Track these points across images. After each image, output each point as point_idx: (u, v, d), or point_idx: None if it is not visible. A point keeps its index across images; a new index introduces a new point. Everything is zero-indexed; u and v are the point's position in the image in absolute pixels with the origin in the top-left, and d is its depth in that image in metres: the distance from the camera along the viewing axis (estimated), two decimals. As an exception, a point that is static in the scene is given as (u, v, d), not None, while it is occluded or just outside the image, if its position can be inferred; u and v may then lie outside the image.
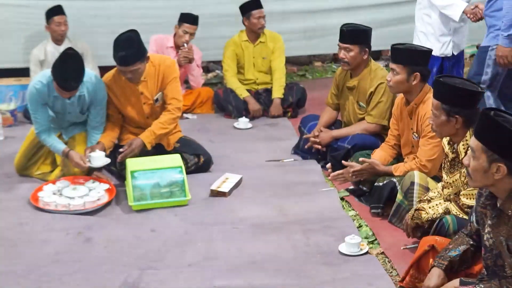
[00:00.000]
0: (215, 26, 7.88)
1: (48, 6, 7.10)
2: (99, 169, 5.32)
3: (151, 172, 5.01)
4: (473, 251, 3.43)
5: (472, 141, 3.04)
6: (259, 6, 7.23)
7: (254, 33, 7.29)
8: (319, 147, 5.73)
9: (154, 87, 5.41)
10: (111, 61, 7.72)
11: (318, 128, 5.79)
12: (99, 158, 5.14)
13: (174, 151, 5.52)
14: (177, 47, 7.12)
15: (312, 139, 5.74)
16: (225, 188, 5.20)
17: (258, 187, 5.33)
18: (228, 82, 7.32)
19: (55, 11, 6.98)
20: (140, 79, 5.29)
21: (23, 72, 7.30)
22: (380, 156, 5.07)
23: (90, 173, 5.32)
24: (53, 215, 4.80)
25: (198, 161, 5.55)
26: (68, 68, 4.91)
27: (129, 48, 5.10)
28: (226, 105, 7.17)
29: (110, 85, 5.36)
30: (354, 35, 5.49)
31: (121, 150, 5.30)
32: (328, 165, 5.59)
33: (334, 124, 5.94)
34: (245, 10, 7.26)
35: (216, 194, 5.17)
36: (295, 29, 8.11)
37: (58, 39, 7.04)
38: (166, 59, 5.50)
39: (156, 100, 5.44)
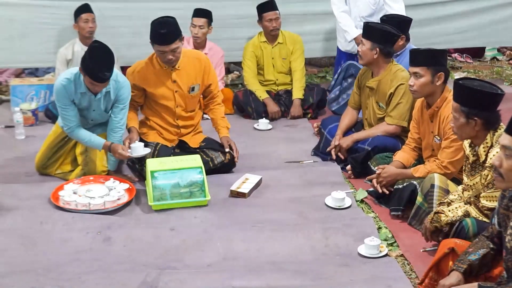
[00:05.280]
0: (235, 27, 7.89)
1: (72, 6, 7.17)
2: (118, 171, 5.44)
3: (171, 172, 5.02)
4: (493, 255, 3.40)
5: (508, 139, 2.96)
6: (271, 8, 7.21)
7: (271, 35, 7.29)
8: (342, 157, 5.74)
9: (190, 77, 5.53)
10: (133, 61, 7.77)
11: (339, 135, 5.81)
12: (139, 149, 5.27)
13: (200, 149, 5.58)
14: (197, 48, 7.13)
15: (333, 152, 5.78)
16: (244, 189, 5.21)
17: (277, 188, 5.33)
18: (248, 84, 7.33)
19: (83, 9, 7.02)
20: (175, 65, 5.42)
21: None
22: (402, 157, 5.06)
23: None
24: (73, 214, 4.82)
25: (224, 159, 5.58)
26: (99, 59, 4.94)
27: (169, 26, 5.28)
28: (246, 107, 7.18)
29: (142, 72, 5.45)
30: (368, 30, 5.59)
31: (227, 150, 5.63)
32: (348, 167, 5.59)
33: (355, 126, 5.94)
34: (258, 12, 7.27)
35: (235, 194, 5.18)
36: (316, 30, 8.10)
37: (86, 38, 7.05)
38: (201, 53, 5.77)
39: (192, 89, 5.56)
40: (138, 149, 5.26)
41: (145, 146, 5.40)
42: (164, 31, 5.24)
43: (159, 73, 5.45)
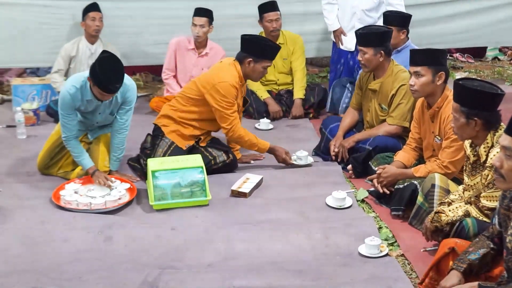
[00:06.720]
0: (236, 27, 7.86)
1: (72, 6, 7.23)
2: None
3: (172, 172, 5.02)
4: (493, 255, 3.40)
5: (508, 140, 2.95)
6: (273, 9, 7.22)
7: (271, 35, 7.28)
8: (345, 159, 5.75)
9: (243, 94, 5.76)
10: (134, 61, 7.76)
11: (340, 137, 5.82)
12: (307, 158, 5.77)
13: (205, 147, 5.60)
14: (198, 48, 7.13)
15: (333, 157, 5.81)
16: (245, 188, 5.21)
17: (278, 188, 5.34)
18: (249, 84, 7.33)
19: (91, 8, 7.03)
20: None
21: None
22: (403, 157, 5.06)
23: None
24: (74, 214, 4.83)
25: (226, 159, 5.59)
26: (109, 71, 4.90)
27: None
28: (247, 107, 7.17)
29: (238, 86, 5.54)
30: (366, 38, 5.54)
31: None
32: (349, 166, 5.60)
33: (356, 126, 5.94)
34: (259, 12, 7.26)
35: (236, 194, 5.19)
36: (316, 30, 8.09)
37: (92, 36, 7.05)
38: None
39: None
40: (307, 158, 5.75)
41: (161, 139, 5.46)
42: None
43: (239, 88, 5.52)
